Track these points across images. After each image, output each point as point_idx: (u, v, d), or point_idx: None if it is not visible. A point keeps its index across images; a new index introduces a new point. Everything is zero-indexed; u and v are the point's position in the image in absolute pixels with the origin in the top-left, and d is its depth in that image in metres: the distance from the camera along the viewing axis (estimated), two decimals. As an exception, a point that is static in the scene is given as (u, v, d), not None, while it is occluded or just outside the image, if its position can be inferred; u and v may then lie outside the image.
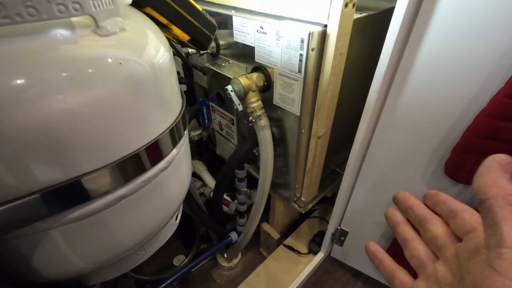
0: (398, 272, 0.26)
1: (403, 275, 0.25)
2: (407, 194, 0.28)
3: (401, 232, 0.27)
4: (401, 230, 0.27)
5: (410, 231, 0.26)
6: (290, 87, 0.63)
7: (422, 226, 0.25)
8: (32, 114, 0.26)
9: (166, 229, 0.55)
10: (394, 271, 0.26)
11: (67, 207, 0.33)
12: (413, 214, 0.26)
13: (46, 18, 0.25)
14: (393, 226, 0.28)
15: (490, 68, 0.48)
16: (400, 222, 0.27)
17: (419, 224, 0.25)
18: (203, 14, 0.48)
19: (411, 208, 0.26)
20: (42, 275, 0.37)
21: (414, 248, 0.25)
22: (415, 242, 0.25)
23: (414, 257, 0.24)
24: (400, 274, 0.25)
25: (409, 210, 0.26)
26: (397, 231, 0.27)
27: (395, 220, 0.28)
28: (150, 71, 0.35)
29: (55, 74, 0.27)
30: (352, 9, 0.53)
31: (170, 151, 0.42)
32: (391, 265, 0.27)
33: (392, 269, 0.26)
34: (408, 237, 0.26)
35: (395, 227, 0.27)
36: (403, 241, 0.26)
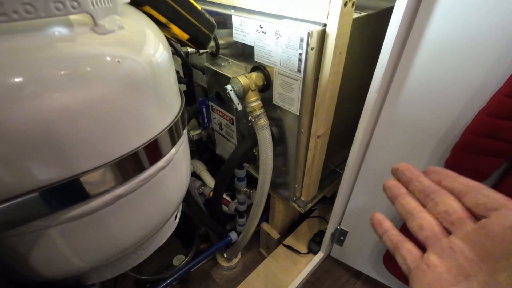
0: (405, 243, 0.24)
1: (411, 246, 0.24)
2: (410, 166, 0.26)
3: (405, 202, 0.25)
4: (405, 201, 0.25)
5: (416, 203, 0.25)
6: (289, 86, 0.63)
7: (431, 199, 0.23)
8: (29, 112, 0.26)
9: (165, 228, 0.55)
10: (400, 242, 0.25)
11: (65, 206, 0.33)
12: (419, 186, 0.25)
13: (43, 15, 0.25)
14: (394, 197, 0.26)
15: (489, 67, 0.48)
16: (403, 193, 0.26)
17: (427, 197, 0.24)
18: (202, 13, 0.48)
19: (417, 180, 0.25)
20: (41, 274, 0.37)
21: (423, 219, 0.23)
22: (424, 213, 0.24)
23: (423, 228, 0.23)
24: (408, 245, 0.24)
25: (414, 182, 0.25)
26: (399, 202, 0.26)
27: (397, 191, 0.26)
28: (148, 70, 0.35)
29: (52, 72, 0.27)
30: (351, 8, 0.53)
31: (169, 150, 0.42)
32: (397, 235, 0.26)
33: (398, 240, 0.25)
34: (414, 208, 0.24)
35: (397, 198, 0.26)
36: (408, 213, 0.24)
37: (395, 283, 0.91)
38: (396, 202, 0.26)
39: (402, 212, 0.25)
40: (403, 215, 0.25)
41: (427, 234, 0.23)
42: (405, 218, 0.25)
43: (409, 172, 0.26)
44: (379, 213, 0.28)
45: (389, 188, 0.27)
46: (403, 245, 0.24)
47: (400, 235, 0.26)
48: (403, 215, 0.25)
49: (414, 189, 0.25)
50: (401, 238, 0.25)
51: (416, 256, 0.23)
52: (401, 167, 0.27)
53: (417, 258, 0.23)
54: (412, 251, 0.23)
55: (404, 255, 0.24)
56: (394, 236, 0.26)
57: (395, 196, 0.26)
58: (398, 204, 0.26)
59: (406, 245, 0.24)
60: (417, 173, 0.26)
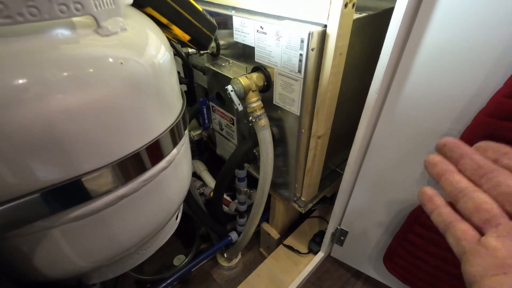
0: (459, 222, 0.22)
1: (466, 227, 0.21)
2: (459, 141, 0.23)
3: (455, 181, 0.22)
4: (455, 179, 0.22)
5: (468, 182, 0.22)
6: (290, 87, 0.64)
7: (489, 179, 0.21)
8: (33, 113, 0.26)
9: (166, 228, 0.55)
10: (453, 221, 0.22)
11: (68, 206, 0.33)
12: (472, 164, 0.22)
13: (47, 18, 0.25)
14: (441, 174, 0.23)
15: (489, 67, 0.48)
16: (452, 170, 0.23)
17: (483, 176, 0.21)
18: (203, 14, 0.48)
19: (470, 158, 0.22)
20: (43, 274, 0.38)
21: (481, 200, 0.21)
22: (479, 193, 0.21)
23: (482, 210, 0.21)
24: (462, 225, 0.22)
25: (466, 160, 0.22)
26: (448, 180, 0.23)
27: (445, 167, 0.23)
28: (150, 71, 0.35)
29: (56, 73, 0.27)
30: (352, 9, 0.53)
31: (170, 151, 0.42)
32: (450, 213, 0.23)
33: (451, 218, 0.22)
34: (467, 187, 0.22)
35: (445, 175, 0.23)
36: (459, 192, 0.22)
37: (395, 283, 0.92)
38: (443, 180, 0.23)
39: (452, 191, 0.23)
40: (453, 194, 0.23)
41: (486, 216, 0.20)
42: (454, 198, 0.23)
43: (459, 148, 0.23)
44: (430, 188, 0.25)
45: (434, 164, 0.24)
46: (456, 224, 0.22)
47: (453, 213, 0.23)
48: (452, 194, 0.23)
49: (466, 168, 0.23)
50: (454, 217, 0.22)
51: (473, 238, 0.21)
52: (450, 142, 0.24)
53: (473, 240, 0.21)
54: (467, 231, 0.21)
55: (458, 236, 0.21)
56: (446, 214, 0.23)
57: (442, 173, 0.23)
58: (445, 182, 0.23)
59: (461, 225, 0.22)
60: (470, 150, 0.23)
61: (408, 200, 0.72)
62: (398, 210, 0.75)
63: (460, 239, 0.21)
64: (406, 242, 0.75)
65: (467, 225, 0.22)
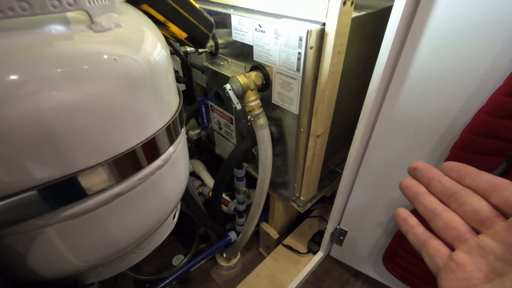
0: (433, 240, 0.24)
1: (438, 244, 0.23)
2: (428, 165, 0.26)
3: (427, 202, 0.24)
4: (427, 201, 0.25)
5: (438, 202, 0.24)
6: (288, 85, 0.63)
7: (456, 199, 0.23)
8: (26, 110, 0.26)
9: (163, 227, 0.55)
10: (427, 239, 0.24)
11: (63, 204, 0.32)
12: (440, 186, 0.24)
13: (39, 12, 0.25)
14: (414, 197, 0.26)
15: (488, 66, 0.48)
16: (424, 192, 0.25)
17: (450, 197, 0.23)
18: (200, 11, 0.48)
19: (437, 180, 0.24)
20: (38, 273, 0.37)
21: (449, 218, 0.23)
22: (449, 213, 0.23)
23: (450, 228, 0.22)
24: (435, 242, 0.23)
25: (435, 182, 0.25)
26: (420, 202, 0.25)
27: (417, 190, 0.26)
28: (146, 68, 0.35)
29: (49, 70, 0.27)
30: (350, 8, 0.53)
31: (167, 149, 0.42)
32: (423, 233, 0.25)
33: (424, 237, 0.24)
34: (437, 208, 0.24)
35: (418, 197, 0.25)
36: (431, 213, 0.24)
37: (395, 283, 0.91)
38: (416, 202, 0.25)
39: (425, 212, 0.25)
40: (426, 215, 0.25)
41: (455, 234, 0.22)
42: (428, 219, 0.24)
43: (428, 171, 0.25)
44: (404, 209, 0.27)
45: (407, 187, 0.26)
46: (430, 243, 0.24)
47: (426, 233, 0.25)
48: (425, 215, 0.25)
49: (435, 190, 0.25)
50: (427, 236, 0.24)
51: (444, 255, 0.22)
52: (420, 166, 0.26)
53: (445, 256, 0.22)
54: (440, 249, 0.23)
55: (431, 254, 0.23)
56: (420, 234, 0.25)
57: (415, 196, 0.26)
58: (419, 204, 0.25)
59: (434, 243, 0.23)
60: (437, 173, 0.25)
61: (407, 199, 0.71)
62: (398, 209, 0.75)
63: (433, 256, 0.23)
64: (406, 242, 0.75)
65: (439, 243, 0.23)
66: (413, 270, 0.79)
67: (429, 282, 0.77)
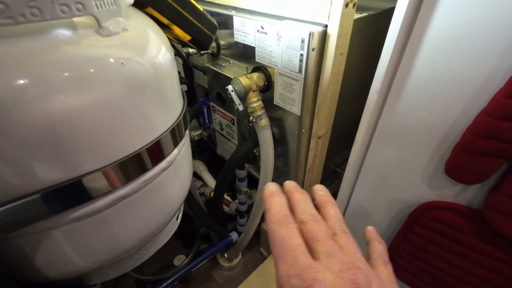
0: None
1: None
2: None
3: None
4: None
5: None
6: (290, 87, 0.64)
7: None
8: (34, 114, 0.26)
9: (167, 229, 0.55)
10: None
11: (69, 207, 0.33)
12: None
13: (49, 18, 0.25)
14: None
15: (490, 68, 0.48)
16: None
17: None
18: (204, 14, 0.48)
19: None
20: (44, 274, 0.38)
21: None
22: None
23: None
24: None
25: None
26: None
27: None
28: (151, 71, 0.35)
29: (57, 74, 0.27)
30: (352, 9, 0.53)
31: (171, 151, 0.42)
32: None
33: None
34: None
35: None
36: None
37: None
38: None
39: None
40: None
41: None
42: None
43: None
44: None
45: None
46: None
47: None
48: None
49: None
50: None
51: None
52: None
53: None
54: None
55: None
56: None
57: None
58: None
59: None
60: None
61: (408, 200, 0.71)
62: (399, 210, 0.75)
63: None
64: (407, 242, 0.75)
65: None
66: (414, 270, 0.79)
67: (430, 282, 0.77)
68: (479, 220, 0.60)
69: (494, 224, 0.56)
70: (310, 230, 0.23)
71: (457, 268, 0.68)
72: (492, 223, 0.56)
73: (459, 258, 0.67)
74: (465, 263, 0.66)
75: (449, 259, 0.68)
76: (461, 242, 0.65)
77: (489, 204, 0.57)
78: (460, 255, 0.66)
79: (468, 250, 0.64)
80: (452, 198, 0.64)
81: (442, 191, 0.65)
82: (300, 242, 0.22)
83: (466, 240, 0.64)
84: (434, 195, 0.66)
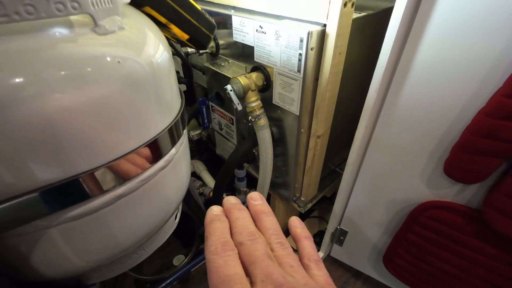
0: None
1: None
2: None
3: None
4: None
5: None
6: (289, 86, 0.64)
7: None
8: (30, 112, 0.26)
9: (165, 228, 0.55)
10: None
11: (66, 206, 0.33)
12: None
13: (44, 16, 0.25)
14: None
15: (488, 67, 0.48)
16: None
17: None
18: (202, 13, 0.48)
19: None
20: (42, 273, 0.37)
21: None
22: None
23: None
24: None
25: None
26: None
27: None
28: (148, 70, 0.35)
29: (53, 72, 0.27)
30: (351, 9, 0.53)
31: (169, 150, 0.42)
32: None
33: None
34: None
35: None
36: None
37: (395, 283, 0.91)
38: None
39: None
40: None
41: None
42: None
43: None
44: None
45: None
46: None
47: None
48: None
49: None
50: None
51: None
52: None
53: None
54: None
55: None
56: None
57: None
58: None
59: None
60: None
61: (407, 199, 0.71)
62: (398, 209, 0.75)
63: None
64: (406, 242, 0.75)
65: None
66: (413, 270, 0.79)
67: (429, 282, 0.77)
68: (478, 220, 0.60)
69: (493, 223, 0.56)
70: (246, 251, 0.23)
71: (457, 268, 0.68)
72: (491, 223, 0.56)
73: (458, 257, 0.67)
74: (464, 263, 0.66)
75: (448, 258, 0.68)
76: (460, 241, 0.65)
77: (488, 204, 0.56)
78: (459, 254, 0.66)
79: (467, 249, 0.64)
80: (451, 197, 0.64)
81: (441, 191, 0.65)
82: (236, 270, 0.21)
83: (465, 239, 0.64)
84: (433, 194, 0.66)
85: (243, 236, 0.24)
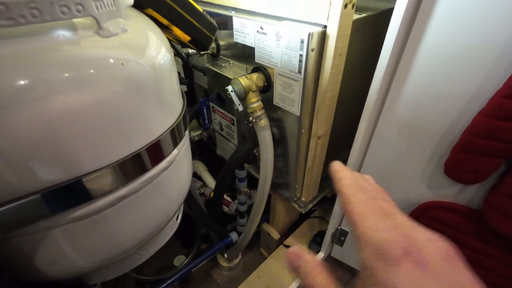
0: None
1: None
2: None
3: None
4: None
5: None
6: (290, 87, 0.64)
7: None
8: (35, 114, 0.27)
9: (167, 229, 0.55)
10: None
11: (69, 207, 0.33)
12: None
13: (49, 19, 0.25)
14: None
15: (488, 68, 0.48)
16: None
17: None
18: (204, 15, 0.48)
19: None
20: (44, 274, 0.38)
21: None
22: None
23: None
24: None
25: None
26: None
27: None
28: (151, 72, 0.35)
29: (57, 74, 0.27)
30: (351, 10, 0.53)
31: (171, 151, 0.42)
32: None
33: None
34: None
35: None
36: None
37: (395, 283, 0.92)
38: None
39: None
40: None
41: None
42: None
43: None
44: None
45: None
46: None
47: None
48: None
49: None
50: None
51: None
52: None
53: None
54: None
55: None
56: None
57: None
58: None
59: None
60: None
61: (408, 200, 0.72)
62: (398, 210, 0.75)
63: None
64: (406, 242, 0.75)
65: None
66: None
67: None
68: (478, 220, 0.61)
69: (493, 224, 0.56)
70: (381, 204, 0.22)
71: (457, 268, 0.68)
72: (491, 223, 0.57)
73: (459, 258, 0.67)
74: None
75: (449, 259, 0.68)
76: (460, 242, 0.65)
77: (489, 204, 0.57)
78: (459, 255, 0.66)
79: (467, 249, 0.65)
80: (451, 198, 0.64)
81: (442, 191, 0.65)
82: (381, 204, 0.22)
83: (465, 240, 0.64)
84: (433, 195, 0.66)
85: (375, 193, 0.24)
